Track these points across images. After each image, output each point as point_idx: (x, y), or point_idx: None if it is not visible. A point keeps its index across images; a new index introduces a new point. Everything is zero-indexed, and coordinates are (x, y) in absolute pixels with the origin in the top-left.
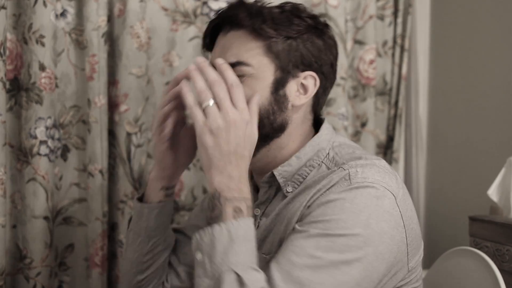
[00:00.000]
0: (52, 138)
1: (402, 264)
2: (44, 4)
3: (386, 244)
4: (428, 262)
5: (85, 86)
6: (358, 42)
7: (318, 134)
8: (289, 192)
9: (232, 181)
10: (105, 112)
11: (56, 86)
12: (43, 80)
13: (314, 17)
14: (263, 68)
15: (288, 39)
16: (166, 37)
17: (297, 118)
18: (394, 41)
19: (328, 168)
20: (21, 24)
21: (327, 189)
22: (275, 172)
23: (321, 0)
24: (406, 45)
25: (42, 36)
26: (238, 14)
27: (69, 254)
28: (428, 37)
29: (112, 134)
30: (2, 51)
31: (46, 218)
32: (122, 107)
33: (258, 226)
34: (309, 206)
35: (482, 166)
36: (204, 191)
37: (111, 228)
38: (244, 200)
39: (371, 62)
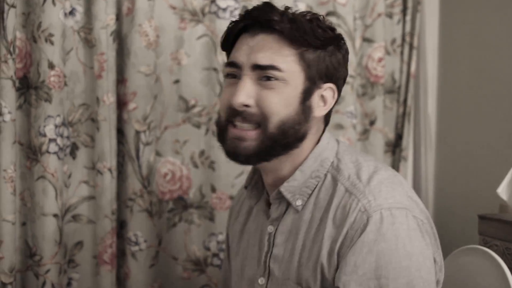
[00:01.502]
0: (61, 136)
1: (435, 256)
2: (53, 2)
3: (428, 256)
4: None
5: (93, 84)
6: (367, 40)
7: (319, 144)
8: (299, 206)
9: None
10: (114, 110)
11: (65, 84)
12: (52, 79)
13: (334, 29)
14: (294, 76)
15: (317, 49)
16: (174, 35)
17: (314, 129)
18: (403, 39)
19: (334, 179)
20: (30, 22)
21: (350, 227)
22: (282, 189)
23: None
24: (415, 43)
25: (51, 35)
26: (273, 17)
27: (78, 251)
28: (437, 34)
29: (120, 132)
30: (11, 49)
31: (55, 215)
32: (131, 105)
33: (273, 244)
34: (339, 251)
35: (491, 164)
36: (212, 189)
37: (120, 226)
38: None
39: (380, 60)
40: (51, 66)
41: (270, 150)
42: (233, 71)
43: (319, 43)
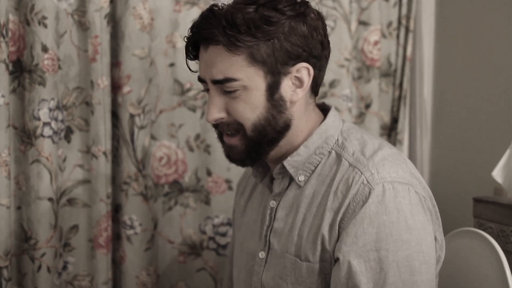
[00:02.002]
0: (56, 119)
1: (436, 234)
2: None
3: (429, 231)
4: None
5: (88, 68)
6: (363, 23)
7: (325, 121)
8: (301, 181)
9: None
10: (108, 93)
11: (59, 67)
12: (45, 62)
13: (291, 4)
14: (252, 78)
15: (269, 40)
16: (169, 18)
17: (299, 110)
18: (399, 22)
19: (338, 156)
20: (23, 5)
21: (352, 199)
22: (285, 163)
23: None
24: (411, 26)
25: (44, 18)
26: (212, 30)
27: (74, 235)
28: (433, 18)
29: (115, 116)
30: (4, 32)
31: (50, 199)
32: (125, 89)
33: (274, 218)
34: (341, 222)
35: (486, 147)
36: (208, 172)
37: (115, 210)
38: None
39: (376, 43)
40: (45, 49)
41: (258, 150)
42: (203, 85)
43: (266, 35)
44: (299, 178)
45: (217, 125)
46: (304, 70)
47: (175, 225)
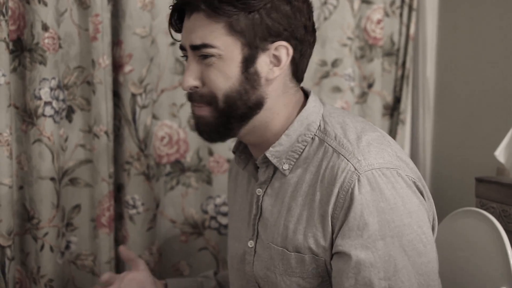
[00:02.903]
0: (57, 99)
1: (430, 208)
2: None
3: (424, 212)
4: None
5: (89, 47)
6: (366, 2)
7: (306, 107)
8: (286, 170)
9: None
10: (110, 73)
11: (60, 46)
12: (46, 41)
13: None
14: (229, 48)
15: (250, 13)
16: None
17: (275, 91)
18: (402, 1)
19: (321, 141)
20: None
21: (341, 189)
22: (267, 154)
23: None
24: (414, 5)
25: None
26: None
27: (76, 214)
28: None
29: (116, 95)
30: (4, 11)
31: (52, 179)
32: (127, 68)
33: (261, 206)
34: (333, 213)
35: (489, 127)
36: (210, 152)
37: (117, 189)
38: None
39: (379, 22)
40: (45, 28)
41: (227, 125)
42: (184, 53)
43: (246, 7)
44: (283, 167)
45: (189, 97)
46: (283, 49)
47: (177, 204)
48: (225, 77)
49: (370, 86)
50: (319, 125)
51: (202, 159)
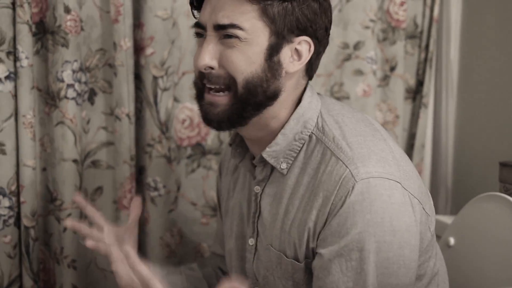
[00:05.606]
0: (79, 81)
1: (426, 231)
2: None
3: (414, 233)
4: (456, 207)
5: (110, 29)
6: None
7: (301, 104)
8: (284, 169)
9: None
10: (131, 55)
11: (82, 29)
12: (68, 23)
13: None
14: (257, 32)
15: (284, 2)
16: None
17: (290, 85)
18: None
19: (319, 141)
20: None
21: (335, 195)
22: (264, 155)
23: None
24: None
25: None
26: None
27: (98, 196)
28: None
29: (138, 78)
30: None
31: (75, 161)
32: (148, 50)
33: (260, 205)
34: (327, 219)
35: None
36: (230, 134)
37: (139, 172)
38: None
39: (402, 4)
40: (67, 10)
41: (241, 112)
42: (200, 31)
43: None
44: (281, 166)
45: (201, 76)
46: (305, 45)
47: (198, 187)
48: (249, 61)
49: (392, 69)
50: (317, 122)
51: (223, 141)
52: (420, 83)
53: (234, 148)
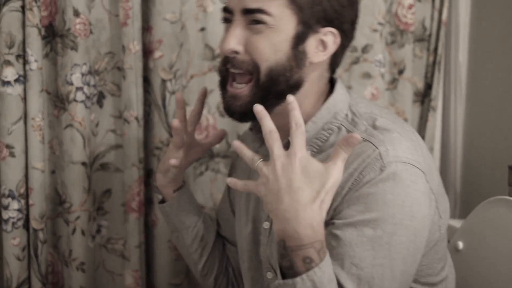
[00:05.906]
0: (88, 84)
1: (435, 231)
2: None
3: (426, 226)
4: (465, 211)
5: (119, 32)
6: None
7: (333, 95)
8: None
9: (289, 224)
10: (140, 58)
11: (91, 32)
12: (77, 26)
13: None
14: (284, 20)
15: None
16: None
17: (314, 76)
18: None
19: (348, 131)
20: None
21: (360, 172)
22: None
23: None
24: None
25: None
26: None
27: (107, 199)
28: None
29: (147, 81)
30: None
31: (83, 164)
32: (157, 54)
33: None
34: (346, 193)
35: None
36: (238, 138)
37: (147, 175)
38: (312, 245)
39: (410, 6)
40: (76, 13)
41: (263, 101)
42: (227, 16)
43: None
44: None
45: (226, 61)
46: (331, 36)
47: (206, 190)
48: (275, 48)
49: (400, 72)
50: (346, 115)
51: (231, 145)
52: (428, 86)
53: (255, 133)
